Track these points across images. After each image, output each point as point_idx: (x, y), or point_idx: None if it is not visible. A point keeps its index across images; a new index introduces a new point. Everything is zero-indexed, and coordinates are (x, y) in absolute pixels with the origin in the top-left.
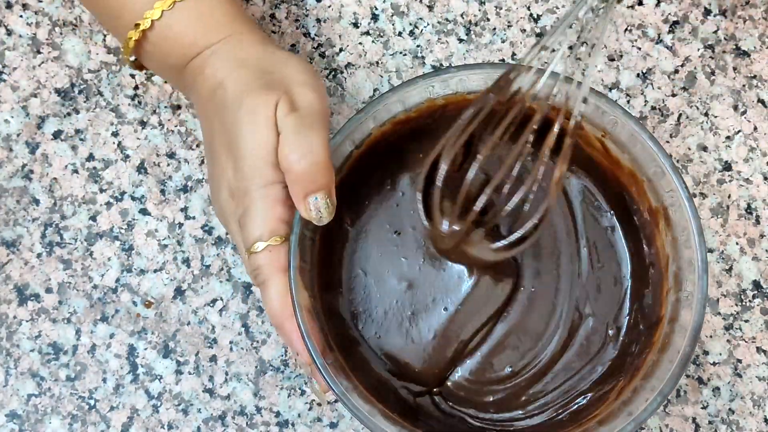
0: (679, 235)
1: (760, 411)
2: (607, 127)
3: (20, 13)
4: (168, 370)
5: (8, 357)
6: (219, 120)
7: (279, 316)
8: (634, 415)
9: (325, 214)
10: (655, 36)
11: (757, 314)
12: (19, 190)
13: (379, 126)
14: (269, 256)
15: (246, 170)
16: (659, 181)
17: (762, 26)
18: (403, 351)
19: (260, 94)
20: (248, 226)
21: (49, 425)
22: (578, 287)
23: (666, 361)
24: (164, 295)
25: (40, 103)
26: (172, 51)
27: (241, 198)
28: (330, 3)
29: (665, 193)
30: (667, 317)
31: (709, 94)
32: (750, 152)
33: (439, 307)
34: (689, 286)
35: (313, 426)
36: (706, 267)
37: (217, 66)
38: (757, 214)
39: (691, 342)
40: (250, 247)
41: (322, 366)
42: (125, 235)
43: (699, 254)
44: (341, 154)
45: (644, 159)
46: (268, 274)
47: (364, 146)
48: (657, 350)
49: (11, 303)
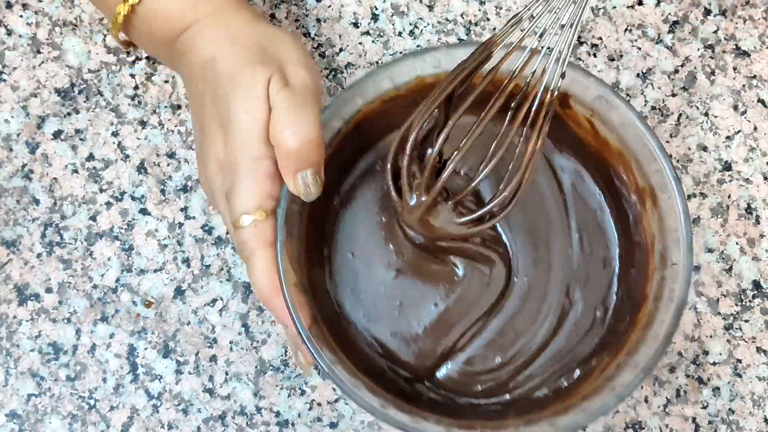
0: (665, 214)
1: (760, 411)
2: (595, 107)
3: (20, 13)
4: (168, 370)
5: (8, 357)
6: (211, 94)
7: (265, 290)
8: (616, 390)
9: (314, 190)
10: (655, 36)
11: (757, 314)
12: (19, 190)
13: (368, 103)
14: (255, 231)
15: (236, 144)
16: (646, 161)
17: (762, 26)
18: (391, 340)
19: (253, 70)
20: (235, 199)
21: (49, 425)
22: (569, 274)
23: (650, 337)
24: (164, 295)
25: (40, 103)
26: (161, 25)
27: (229, 171)
28: (330, 3)
29: (652, 173)
30: (652, 295)
31: (709, 94)
32: (750, 152)
33: (429, 302)
34: (674, 264)
35: (313, 426)
36: (691, 245)
37: (208, 40)
38: (757, 214)
39: (674, 319)
40: (236, 220)
41: (307, 338)
42: (125, 235)
43: (684, 232)
44: (330, 130)
45: (632, 139)
46: (254, 248)
47: (353, 123)
48: (641, 327)
49: (11, 303)
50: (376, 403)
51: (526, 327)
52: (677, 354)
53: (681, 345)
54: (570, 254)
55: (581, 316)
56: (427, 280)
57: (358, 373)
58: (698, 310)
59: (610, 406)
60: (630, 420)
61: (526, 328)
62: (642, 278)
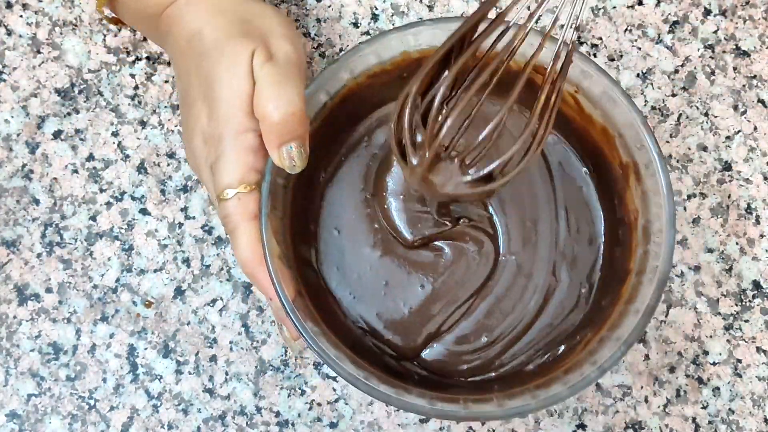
0: (648, 189)
1: (760, 411)
2: (580, 83)
3: (20, 13)
4: (168, 370)
5: (8, 357)
6: (195, 67)
7: (250, 263)
8: (598, 363)
9: (298, 163)
10: (655, 36)
11: (757, 314)
12: (19, 190)
13: (354, 78)
14: (239, 204)
15: (221, 117)
16: (630, 136)
17: (762, 26)
18: (377, 319)
19: (237, 42)
20: (219, 172)
21: (49, 425)
22: (556, 252)
23: (632, 311)
24: (164, 295)
25: (40, 103)
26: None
27: (214, 144)
28: (330, 3)
29: (636, 149)
30: (635, 270)
31: (709, 94)
32: (750, 152)
33: (416, 284)
34: (657, 239)
35: (313, 426)
36: (674, 219)
37: (193, 14)
38: (757, 214)
39: (657, 293)
40: (221, 193)
41: (291, 310)
42: (125, 235)
43: (667, 207)
44: (315, 104)
45: (616, 114)
46: (238, 221)
47: (339, 98)
48: (624, 302)
49: (11, 303)
50: (360, 375)
51: (513, 306)
52: (677, 354)
53: (681, 345)
54: (557, 232)
55: (566, 294)
56: (414, 261)
57: (342, 345)
58: (698, 310)
59: (591, 378)
60: (630, 420)
61: (513, 307)
62: (626, 253)
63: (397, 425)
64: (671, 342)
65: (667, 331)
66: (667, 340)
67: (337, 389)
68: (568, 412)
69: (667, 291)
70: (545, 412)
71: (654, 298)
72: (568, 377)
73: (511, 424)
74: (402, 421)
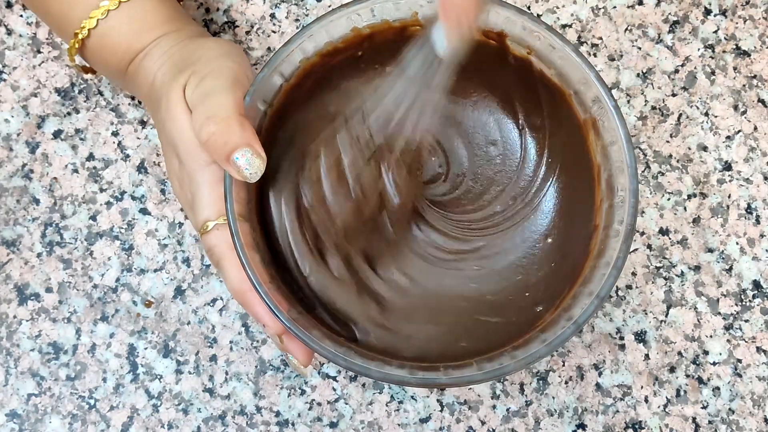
0: (608, 142)
1: (760, 411)
2: (531, 44)
3: (20, 13)
4: (168, 369)
5: (8, 357)
6: (155, 117)
7: (239, 291)
8: (573, 318)
9: (253, 169)
10: (655, 36)
11: (757, 314)
12: (19, 189)
13: (307, 58)
14: (219, 235)
15: (183, 157)
16: (585, 92)
17: (762, 26)
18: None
19: (173, 81)
20: (196, 209)
21: (49, 425)
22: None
23: (602, 265)
24: (164, 295)
25: (40, 103)
26: (110, 57)
27: (187, 184)
28: (330, 3)
29: (592, 104)
30: (602, 225)
31: (709, 94)
32: (750, 152)
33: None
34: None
35: (313, 426)
36: (636, 171)
37: (149, 66)
38: (757, 214)
39: (624, 245)
40: (201, 227)
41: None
42: (125, 234)
43: (628, 158)
44: (271, 87)
45: (569, 71)
46: (222, 251)
47: (294, 79)
48: (594, 257)
49: (11, 303)
50: (340, 352)
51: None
52: (677, 354)
53: (681, 345)
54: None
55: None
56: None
57: (320, 326)
58: (698, 310)
59: (568, 334)
60: (630, 420)
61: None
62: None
63: (397, 425)
64: (671, 342)
65: (667, 331)
66: (667, 340)
67: (337, 389)
68: (568, 412)
69: (667, 291)
70: (545, 412)
71: (622, 251)
72: (545, 335)
73: (510, 424)
74: (402, 420)
